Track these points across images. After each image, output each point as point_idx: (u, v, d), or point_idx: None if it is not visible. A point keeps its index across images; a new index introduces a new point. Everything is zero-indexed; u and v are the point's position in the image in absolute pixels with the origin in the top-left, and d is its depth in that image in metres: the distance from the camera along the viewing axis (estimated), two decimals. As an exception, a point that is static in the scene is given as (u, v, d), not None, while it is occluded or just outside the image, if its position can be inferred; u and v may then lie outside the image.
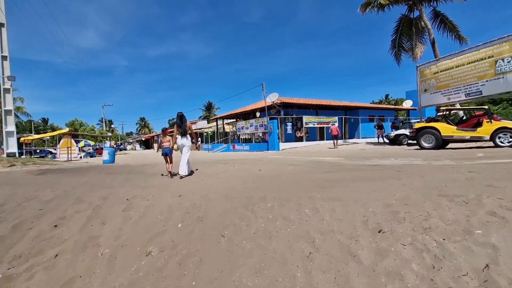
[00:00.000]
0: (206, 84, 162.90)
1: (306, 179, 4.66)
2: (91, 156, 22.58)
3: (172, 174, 6.19)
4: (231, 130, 24.05)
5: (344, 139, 20.09)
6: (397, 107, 25.58)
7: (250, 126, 19.15)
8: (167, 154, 6.28)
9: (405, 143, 13.85)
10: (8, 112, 11.30)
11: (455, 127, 8.72)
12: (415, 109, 25.11)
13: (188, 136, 6.07)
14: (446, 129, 8.77)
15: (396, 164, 5.76)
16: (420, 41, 14.90)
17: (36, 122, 64.67)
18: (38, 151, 26.21)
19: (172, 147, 6.21)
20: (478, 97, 10.16)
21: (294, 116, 18.60)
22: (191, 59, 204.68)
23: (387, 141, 16.00)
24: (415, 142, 10.71)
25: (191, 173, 6.35)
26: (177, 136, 6.04)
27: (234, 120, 27.32)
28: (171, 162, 6.34)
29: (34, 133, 41.71)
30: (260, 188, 4.15)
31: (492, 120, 8.14)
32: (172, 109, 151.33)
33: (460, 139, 8.77)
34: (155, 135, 52.12)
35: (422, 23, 14.12)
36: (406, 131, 14.01)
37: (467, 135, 8.43)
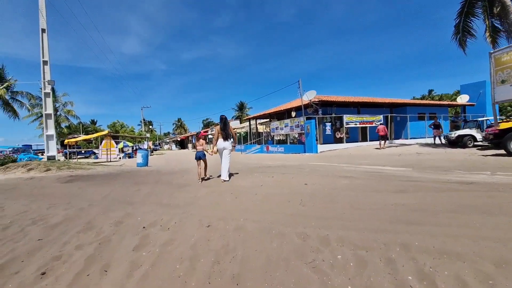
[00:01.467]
0: (238, 84, 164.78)
1: (374, 203, 3.45)
2: (129, 157, 23.22)
3: (204, 179, 6.17)
4: (265, 130, 23.09)
5: (390, 139, 17.94)
6: (450, 103, 22.42)
7: (285, 126, 17.98)
8: (200, 158, 6.15)
9: (470, 145, 11.62)
10: (48, 116, 11.63)
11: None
12: (473, 105, 21.91)
13: (230, 139, 6.05)
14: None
15: (503, 183, 4.24)
16: (494, 23, 12.41)
17: (85, 123, 70.55)
18: (83, 151, 27.85)
19: (212, 150, 6.18)
20: None
21: (333, 115, 17.01)
22: (223, 60, 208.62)
23: (444, 142, 13.77)
24: (486, 144, 8.73)
25: (229, 176, 6.17)
26: (219, 139, 6.00)
27: (268, 120, 26.32)
28: (205, 166, 6.29)
29: (84, 134, 45.13)
30: (313, 215, 3.07)
31: None
32: (206, 109, 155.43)
33: None
34: (190, 135, 53.32)
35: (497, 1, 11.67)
36: (473, 131, 11.76)
37: None
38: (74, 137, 24.47)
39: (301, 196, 4.05)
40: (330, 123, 16.25)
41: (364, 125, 16.79)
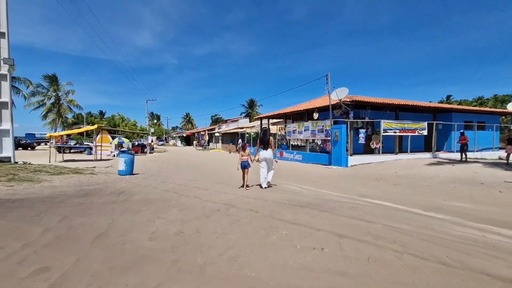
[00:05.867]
0: (248, 82, 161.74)
1: None
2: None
3: (247, 186, 6.77)
4: (279, 133, 20.08)
5: (432, 151, 14.68)
6: (504, 110, 18.86)
7: (305, 130, 14.93)
8: (246, 167, 6.73)
9: None
10: (3, 105, 8.88)
11: None
12: (529, 114, 18.30)
13: (271, 149, 6.78)
14: None
15: None
16: None
17: (94, 114, 68.87)
18: (77, 145, 25.46)
19: (255, 159, 6.89)
20: None
21: (368, 119, 13.85)
22: (234, 57, 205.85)
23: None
24: None
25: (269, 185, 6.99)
26: (260, 149, 6.80)
27: (281, 120, 23.29)
28: (247, 174, 6.78)
29: (87, 125, 43.03)
30: None
31: None
32: (215, 105, 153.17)
33: None
34: (196, 132, 50.75)
35: None
36: None
37: None
38: (75, 129, 21.99)
39: None
40: (364, 130, 13.09)
41: (405, 133, 13.56)
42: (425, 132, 14.02)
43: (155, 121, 70.71)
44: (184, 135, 57.69)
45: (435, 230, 3.60)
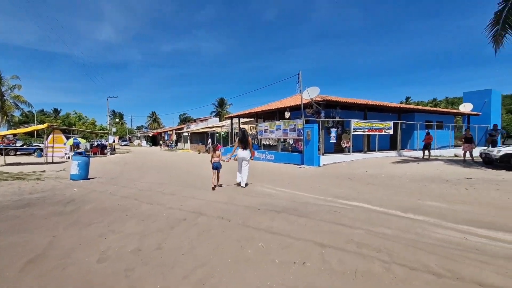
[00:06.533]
0: (218, 81, 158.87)
1: None
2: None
3: (216, 186, 6.69)
4: (250, 132, 19.71)
5: (398, 150, 15.37)
6: (458, 111, 20.45)
7: (277, 129, 14.74)
8: (217, 168, 6.67)
9: (519, 167, 9.09)
10: None
11: None
12: (478, 115, 20.13)
13: (248, 150, 6.98)
14: None
15: None
16: None
17: (47, 112, 62.41)
18: (24, 146, 22.73)
19: (229, 158, 7.29)
20: None
21: (338, 119, 14.02)
22: (205, 56, 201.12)
23: (468, 158, 11.30)
24: None
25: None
26: (238, 148, 6.99)
27: (252, 119, 22.97)
28: (218, 175, 6.75)
29: (38, 124, 38.69)
30: None
31: None
32: (184, 104, 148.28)
33: None
34: (163, 131, 48.55)
35: None
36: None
37: None
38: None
39: None
40: (335, 129, 13.22)
41: (373, 133, 13.98)
42: (391, 131, 14.60)
43: (118, 120, 66.47)
44: (150, 135, 54.92)
45: (418, 234, 3.43)
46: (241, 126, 22.62)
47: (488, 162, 10.04)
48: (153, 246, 3.19)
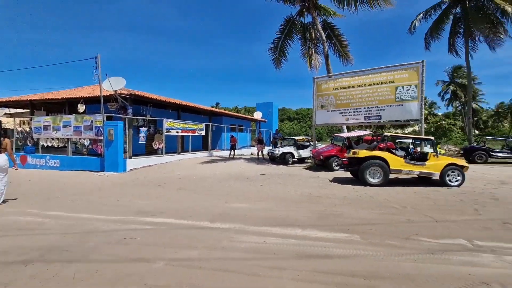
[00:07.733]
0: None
1: None
2: None
3: None
4: (21, 129, 13.65)
5: (209, 150, 16.33)
6: (251, 117, 25.20)
7: (66, 126, 10.99)
8: None
9: (290, 162, 12.12)
10: None
11: (403, 159, 7.21)
12: (265, 121, 25.85)
13: (4, 154, 5.00)
14: (395, 161, 7.08)
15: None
16: (316, 51, 13.99)
17: None
18: None
19: None
20: (377, 121, 9.78)
21: (150, 117, 12.50)
22: None
23: (260, 156, 14.00)
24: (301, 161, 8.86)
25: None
26: None
27: (26, 111, 16.28)
28: None
29: None
30: None
31: (437, 155, 7.14)
32: None
33: (408, 174, 7.26)
34: None
35: (317, 31, 13.07)
36: (291, 149, 12.34)
37: (416, 169, 7.08)
38: None
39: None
40: (146, 129, 11.62)
41: (186, 134, 13.74)
42: (203, 133, 15.16)
43: None
44: None
45: (224, 249, 2.98)
46: (5, 119, 15.36)
47: (273, 158, 12.69)
48: None
